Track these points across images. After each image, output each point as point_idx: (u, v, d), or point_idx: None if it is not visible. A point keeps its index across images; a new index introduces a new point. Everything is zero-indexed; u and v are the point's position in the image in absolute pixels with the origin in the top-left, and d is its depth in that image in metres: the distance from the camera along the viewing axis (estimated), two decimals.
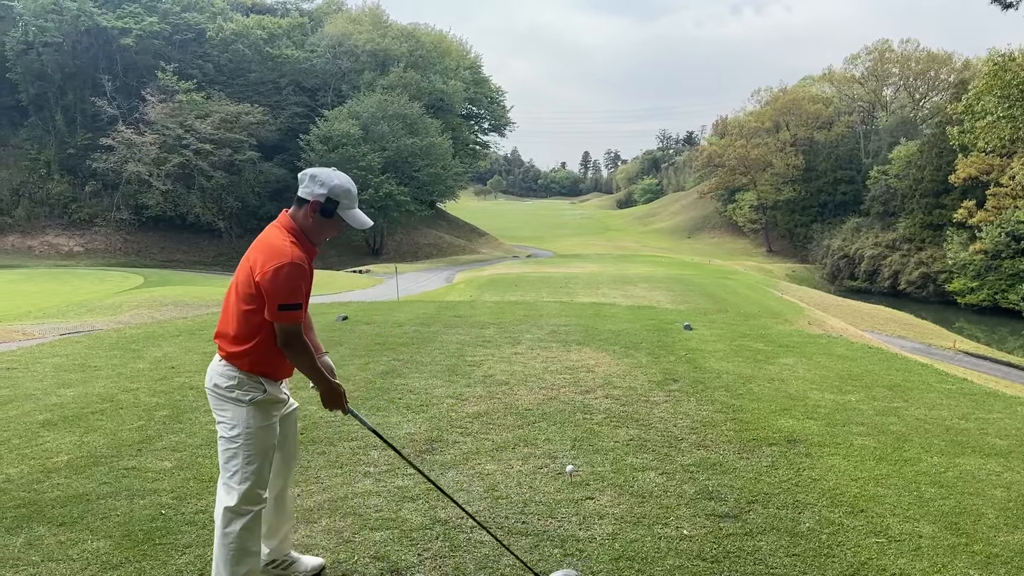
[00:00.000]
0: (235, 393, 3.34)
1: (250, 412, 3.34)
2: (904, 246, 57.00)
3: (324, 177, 3.35)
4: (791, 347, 10.43)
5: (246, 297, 3.28)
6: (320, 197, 3.32)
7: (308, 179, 3.35)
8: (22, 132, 57.99)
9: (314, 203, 3.33)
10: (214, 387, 3.39)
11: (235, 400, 3.34)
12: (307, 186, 3.35)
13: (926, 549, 4.06)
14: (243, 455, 3.33)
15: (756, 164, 76.80)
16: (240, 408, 3.34)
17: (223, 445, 3.38)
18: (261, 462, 3.37)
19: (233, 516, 3.33)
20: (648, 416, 6.58)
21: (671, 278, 28.93)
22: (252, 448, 3.34)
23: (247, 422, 3.33)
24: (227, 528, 3.33)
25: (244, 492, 3.32)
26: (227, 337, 3.38)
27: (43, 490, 4.83)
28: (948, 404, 7.31)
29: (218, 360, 3.41)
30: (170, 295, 23.74)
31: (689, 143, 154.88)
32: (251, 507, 3.35)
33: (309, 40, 64.60)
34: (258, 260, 3.24)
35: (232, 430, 3.34)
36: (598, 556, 3.94)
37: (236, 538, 3.32)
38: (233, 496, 3.33)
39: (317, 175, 3.36)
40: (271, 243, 3.28)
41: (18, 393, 7.46)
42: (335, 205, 3.35)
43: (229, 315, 3.40)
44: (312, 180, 3.34)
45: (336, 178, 3.36)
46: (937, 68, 74.07)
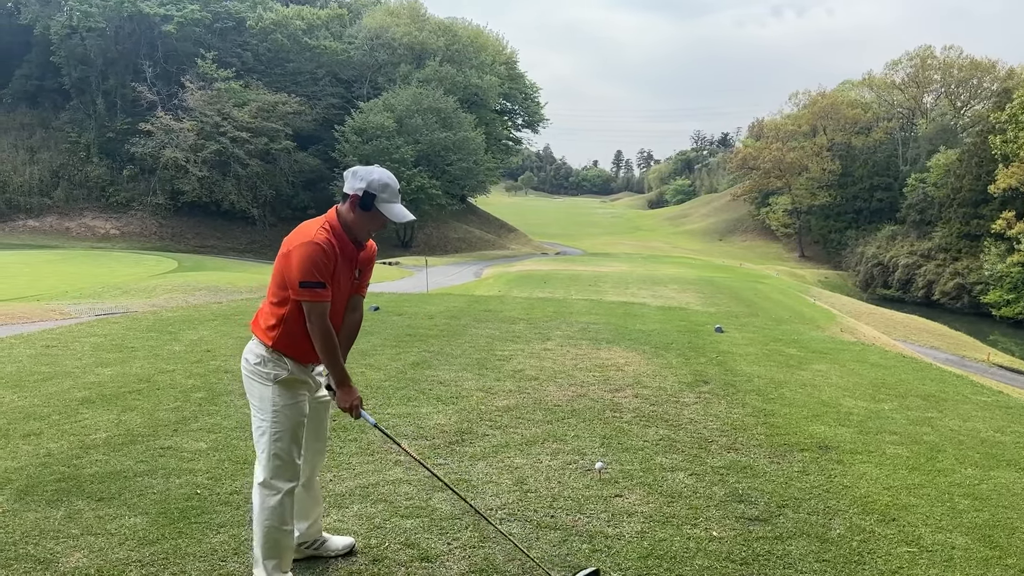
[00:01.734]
0: (262, 370, 3.45)
1: (275, 390, 3.44)
2: (940, 256, 56.14)
3: (364, 172, 3.46)
4: (824, 353, 10.34)
5: (278, 280, 3.44)
6: (359, 191, 3.42)
7: (350, 175, 3.47)
8: (63, 115, 58.95)
9: (354, 196, 3.43)
10: (244, 362, 3.54)
11: (261, 377, 3.45)
12: (349, 182, 3.46)
13: (959, 561, 4.02)
14: (271, 432, 3.42)
15: (791, 168, 76.02)
16: (266, 386, 3.44)
17: (254, 423, 3.50)
18: (289, 440, 3.45)
19: (265, 492, 3.43)
20: (678, 417, 6.57)
21: (701, 280, 28.77)
22: (279, 425, 3.43)
23: (273, 400, 3.43)
24: (260, 504, 3.43)
25: (273, 468, 3.42)
26: (259, 316, 3.56)
27: (82, 466, 4.93)
28: (983, 416, 7.22)
29: (252, 339, 3.57)
30: (203, 280, 24.05)
31: (724, 144, 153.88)
32: (281, 483, 3.43)
33: (347, 32, 64.95)
34: (286, 243, 3.42)
35: (260, 408, 3.46)
36: (626, 553, 3.95)
37: (269, 514, 3.41)
38: (262, 472, 3.44)
39: (358, 171, 3.48)
40: (301, 229, 3.44)
41: (57, 370, 7.62)
42: (372, 198, 3.43)
43: (265, 299, 3.57)
44: (353, 176, 3.46)
45: (376, 173, 3.46)
46: (980, 76, 72.75)
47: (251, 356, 3.50)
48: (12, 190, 54.32)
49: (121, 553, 3.77)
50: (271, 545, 3.43)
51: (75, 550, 3.79)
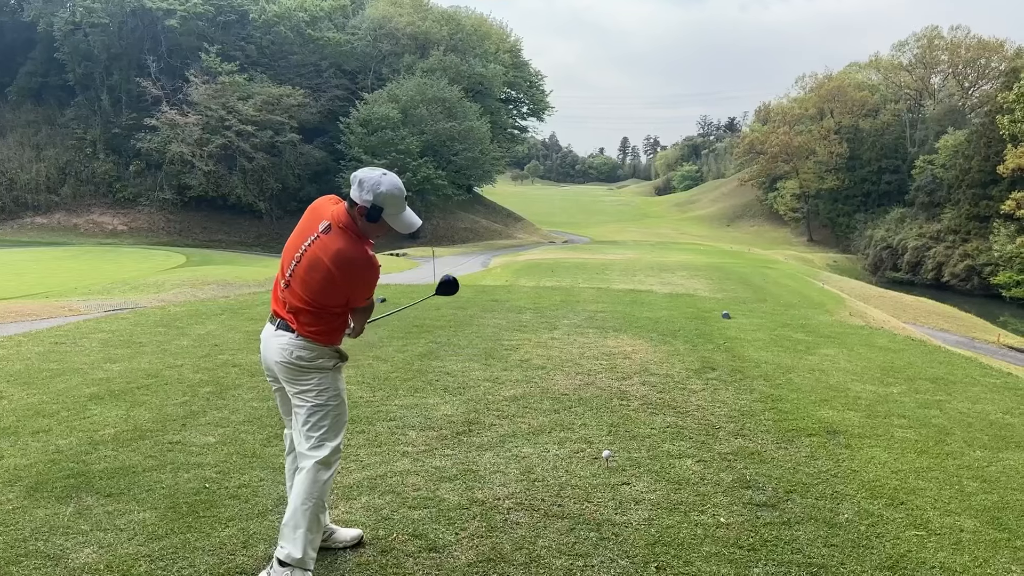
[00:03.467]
0: (320, 362, 3.61)
1: (334, 376, 3.67)
2: (949, 237, 55.85)
3: (371, 184, 3.42)
4: (832, 338, 10.31)
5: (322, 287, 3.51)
6: (366, 203, 3.43)
7: (356, 184, 3.46)
8: (69, 111, 59.09)
9: (361, 207, 3.44)
10: (292, 357, 3.60)
11: (320, 369, 3.62)
12: (355, 191, 3.46)
13: (967, 543, 4.01)
14: (335, 413, 3.65)
15: (799, 152, 75.71)
16: (325, 374, 3.64)
17: (307, 410, 3.62)
18: (345, 418, 3.75)
19: (322, 468, 3.58)
20: (685, 404, 6.56)
21: (710, 266, 28.69)
22: (342, 406, 3.70)
23: (334, 385, 3.67)
24: (314, 481, 3.55)
25: (334, 447, 3.63)
26: (295, 316, 3.60)
27: (91, 461, 4.96)
28: (992, 398, 7.19)
29: (294, 336, 3.59)
30: (212, 275, 24.12)
31: (730, 129, 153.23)
32: (336, 458, 3.67)
33: (350, 23, 64.82)
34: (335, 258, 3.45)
35: (320, 392, 3.62)
36: (634, 540, 3.96)
37: (323, 488, 3.57)
38: (325, 449, 3.59)
39: (364, 181, 3.44)
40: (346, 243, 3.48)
41: (66, 367, 7.65)
42: (380, 212, 3.45)
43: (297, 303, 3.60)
44: (359, 186, 3.43)
45: (383, 185, 3.43)
46: (988, 56, 72.22)
47: (304, 352, 3.58)
48: (19, 187, 54.56)
49: (130, 548, 3.79)
50: (317, 521, 3.55)
51: (84, 546, 3.81)
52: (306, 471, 3.58)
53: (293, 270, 3.57)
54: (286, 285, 3.62)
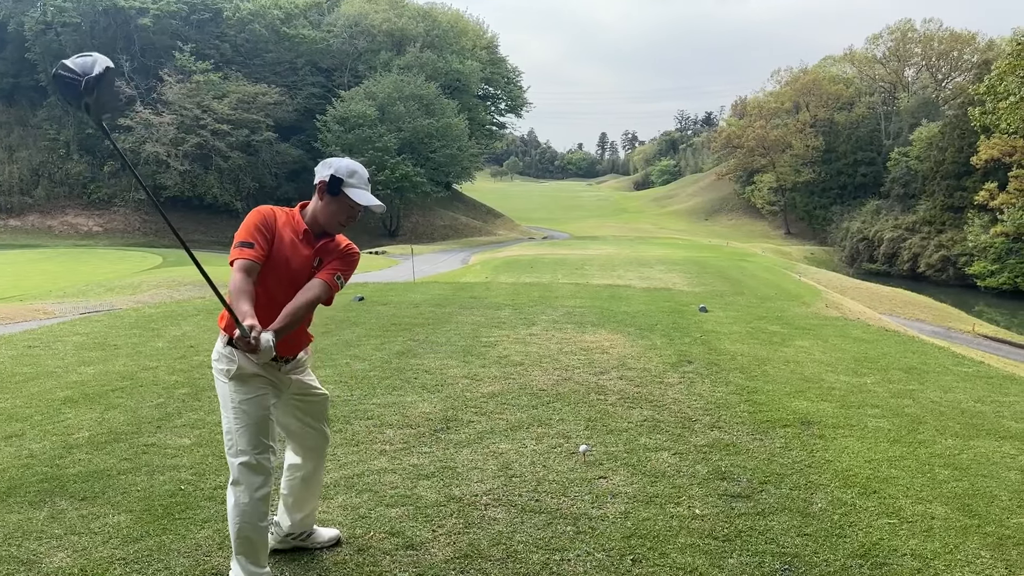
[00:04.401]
0: (219, 366, 3.38)
1: (231, 386, 3.33)
2: (924, 229, 56.45)
3: (332, 160, 3.49)
4: (807, 329, 10.41)
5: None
6: (326, 176, 3.43)
7: (320, 165, 3.50)
8: (41, 112, 58.36)
9: (321, 183, 3.44)
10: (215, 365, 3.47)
11: (220, 373, 3.38)
12: (318, 171, 3.48)
13: (938, 530, 4.06)
14: (234, 428, 3.32)
15: (775, 145, 76.16)
16: (223, 385, 3.37)
17: (223, 423, 3.41)
18: (250, 435, 3.30)
19: (232, 488, 3.32)
20: (662, 397, 6.60)
21: (688, 260, 28.83)
22: (239, 422, 3.31)
23: (231, 396, 3.33)
24: (234, 499, 3.31)
25: (236, 465, 3.30)
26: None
27: (65, 465, 4.92)
28: (964, 387, 7.29)
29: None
30: (188, 275, 23.92)
31: (708, 124, 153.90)
32: (244, 479, 3.29)
33: (325, 20, 64.49)
34: None
35: (222, 406, 3.38)
36: (610, 534, 3.98)
37: (243, 511, 3.28)
38: (234, 470, 3.32)
39: (328, 161, 3.51)
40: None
41: (40, 371, 7.58)
42: (339, 183, 3.41)
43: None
44: (323, 165, 3.49)
45: (344, 160, 3.47)
46: (960, 48, 72.98)
47: (213, 353, 3.46)
48: None
49: (105, 552, 3.76)
50: (249, 544, 3.34)
51: (58, 550, 3.78)
52: (228, 489, 3.37)
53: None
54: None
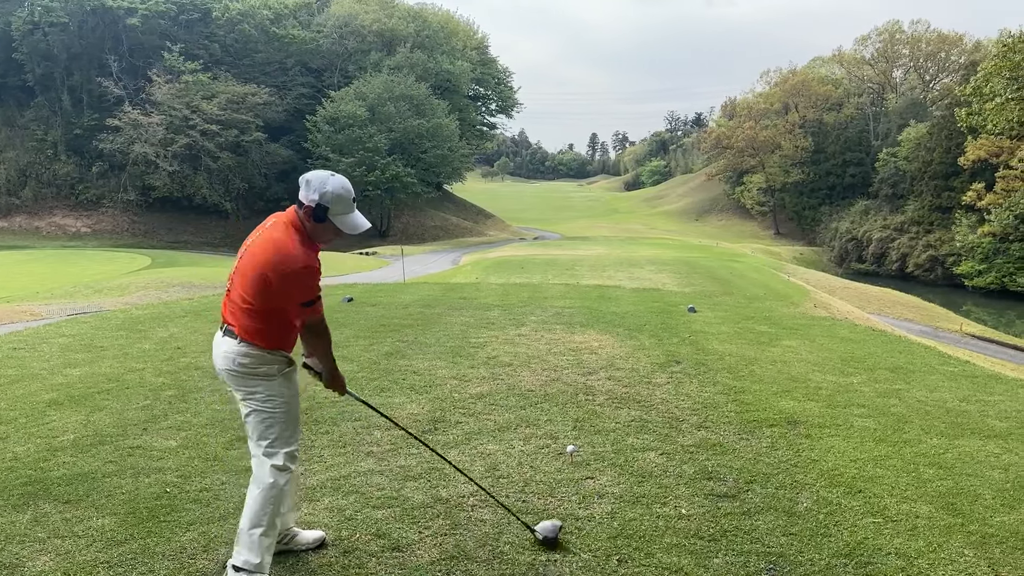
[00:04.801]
0: (262, 368, 3.50)
1: (281, 382, 3.55)
2: (912, 229, 56.74)
3: (317, 183, 3.41)
4: (795, 329, 10.44)
5: (259, 290, 3.40)
6: (312, 203, 3.40)
7: (304, 184, 3.44)
8: (28, 112, 58.01)
9: (307, 208, 3.42)
10: (232, 364, 3.49)
11: (263, 375, 3.50)
12: (303, 191, 3.44)
13: (922, 529, 4.09)
14: (283, 421, 3.55)
15: (764, 146, 76.38)
16: (272, 380, 3.52)
17: (257, 417, 3.54)
18: (296, 424, 3.66)
19: (279, 473, 3.51)
20: (650, 397, 6.61)
21: (678, 260, 28.88)
22: (290, 414, 3.59)
23: (280, 391, 3.54)
24: (273, 481, 3.49)
25: (282, 453, 3.54)
26: (238, 319, 3.50)
27: (49, 468, 4.89)
28: (950, 386, 7.33)
29: (237, 342, 3.48)
30: (177, 276, 23.83)
31: (697, 124, 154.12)
32: (290, 465, 3.57)
33: (315, 20, 64.36)
34: (271, 265, 3.35)
35: (265, 400, 3.52)
36: (596, 534, 3.99)
37: (279, 493, 3.51)
38: (278, 457, 3.53)
39: (311, 181, 3.43)
40: (280, 245, 3.38)
41: (25, 373, 7.53)
42: (325, 211, 3.42)
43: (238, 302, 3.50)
44: (307, 186, 3.42)
45: (329, 184, 3.41)
46: (948, 49, 73.39)
47: (243, 359, 3.47)
48: None
49: (89, 555, 3.75)
50: (273, 527, 3.51)
51: (42, 553, 3.76)
52: (259, 478, 3.52)
53: (235, 267, 3.53)
54: (229, 287, 3.57)
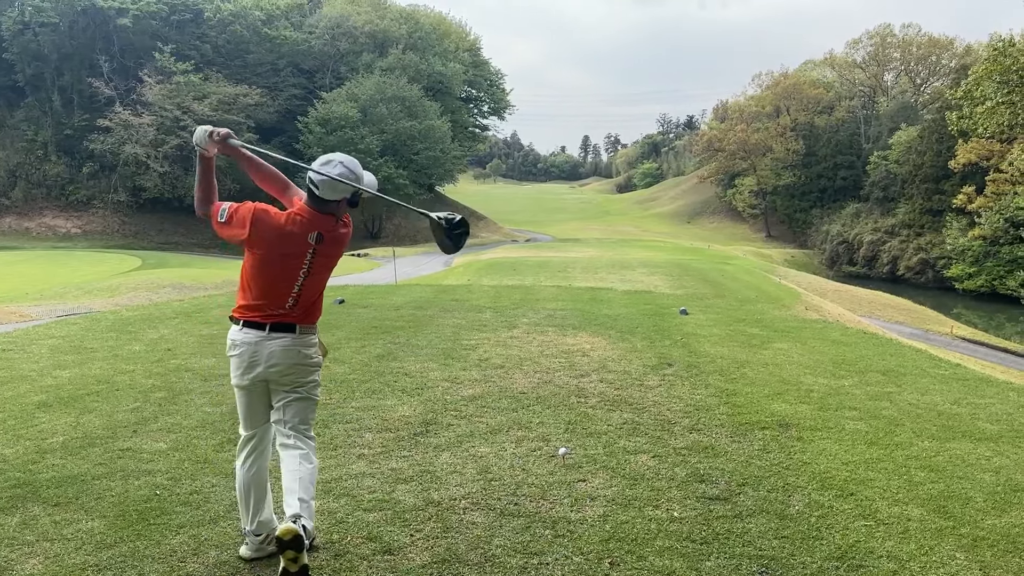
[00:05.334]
0: (317, 357, 3.78)
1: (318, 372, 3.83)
2: (903, 232, 56.97)
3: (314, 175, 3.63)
4: (786, 332, 10.46)
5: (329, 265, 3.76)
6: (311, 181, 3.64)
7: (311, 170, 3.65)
8: (18, 113, 57.76)
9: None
10: (301, 357, 3.67)
11: (318, 364, 3.80)
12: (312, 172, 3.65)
13: (914, 532, 4.09)
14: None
15: (756, 149, 76.59)
16: (318, 369, 3.80)
17: (310, 404, 3.77)
18: None
19: (312, 451, 3.71)
20: (642, 400, 6.61)
21: (670, 263, 28.93)
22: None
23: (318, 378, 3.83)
24: (312, 463, 3.65)
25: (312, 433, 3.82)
26: (315, 311, 3.76)
27: (38, 471, 4.85)
28: (941, 389, 7.35)
29: (297, 334, 3.64)
30: (168, 277, 23.75)
31: (689, 127, 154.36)
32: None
33: (307, 21, 64.27)
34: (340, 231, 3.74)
35: (316, 388, 3.80)
36: (588, 537, 3.98)
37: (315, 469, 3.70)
38: (312, 437, 3.78)
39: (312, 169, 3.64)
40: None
41: (14, 374, 7.48)
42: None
43: (312, 292, 3.70)
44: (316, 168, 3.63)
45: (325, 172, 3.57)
46: (938, 53, 73.76)
47: (307, 348, 3.70)
48: None
49: (78, 558, 3.72)
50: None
51: (30, 557, 3.73)
52: (305, 457, 3.62)
53: (301, 287, 3.62)
54: (294, 303, 3.63)
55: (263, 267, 3.58)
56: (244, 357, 3.59)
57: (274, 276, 3.58)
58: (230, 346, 3.66)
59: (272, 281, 3.58)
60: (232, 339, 3.64)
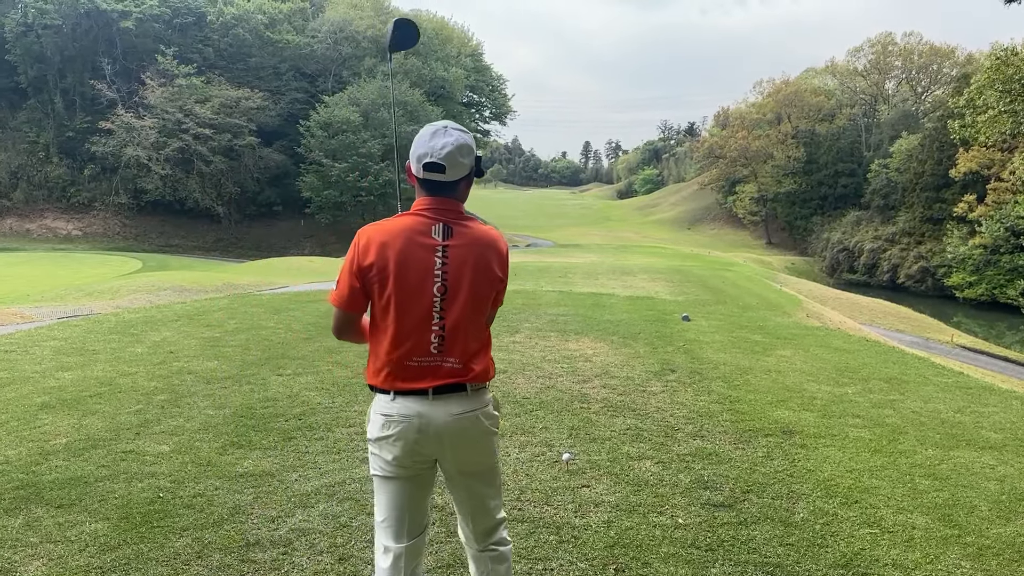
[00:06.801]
0: (496, 416, 2.77)
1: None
2: (904, 240, 56.97)
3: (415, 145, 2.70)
4: (788, 339, 10.45)
5: (485, 292, 2.66)
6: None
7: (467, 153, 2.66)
8: (21, 115, 57.86)
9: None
10: (479, 422, 2.66)
11: (497, 429, 2.79)
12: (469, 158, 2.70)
13: (919, 540, 4.08)
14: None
15: (757, 156, 76.63)
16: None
17: (494, 491, 2.81)
18: None
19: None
20: (645, 406, 6.60)
21: (670, 269, 28.91)
22: None
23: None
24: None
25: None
26: (469, 355, 2.64)
27: (41, 472, 4.84)
28: (944, 397, 7.34)
29: (469, 395, 2.63)
30: (168, 280, 23.73)
31: (690, 134, 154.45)
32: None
33: (310, 25, 64.37)
34: (490, 239, 2.69)
35: (497, 454, 2.81)
36: (593, 543, 3.97)
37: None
38: (506, 527, 2.92)
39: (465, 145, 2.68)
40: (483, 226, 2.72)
41: (16, 376, 7.47)
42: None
43: (468, 329, 2.64)
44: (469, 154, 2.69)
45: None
46: (940, 61, 73.83)
47: (489, 408, 2.71)
48: None
49: (81, 560, 3.71)
50: None
51: (34, 559, 3.72)
52: (506, 564, 2.83)
53: (443, 310, 2.59)
54: (439, 346, 2.60)
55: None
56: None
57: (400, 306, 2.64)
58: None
59: (400, 311, 2.65)
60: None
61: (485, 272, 2.63)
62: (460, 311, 2.59)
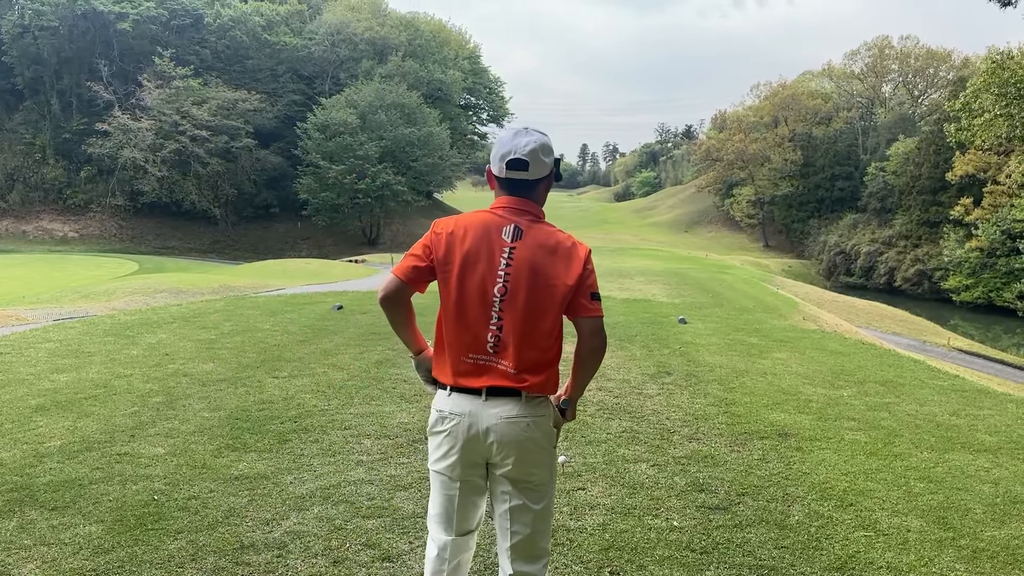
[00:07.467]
0: (553, 433, 2.73)
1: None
2: (900, 243, 57.11)
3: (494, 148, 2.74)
4: (785, 342, 10.46)
5: (549, 298, 2.62)
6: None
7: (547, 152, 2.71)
8: (17, 116, 57.86)
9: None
10: (531, 431, 2.61)
11: (553, 446, 2.72)
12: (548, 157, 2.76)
13: (914, 543, 4.09)
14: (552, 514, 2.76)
15: (754, 159, 76.75)
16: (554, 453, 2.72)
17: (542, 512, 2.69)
18: None
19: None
20: (641, 408, 6.60)
21: (667, 271, 28.93)
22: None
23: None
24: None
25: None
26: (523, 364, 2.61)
27: (35, 475, 4.83)
28: (939, 400, 7.35)
29: (523, 401, 2.60)
30: (165, 282, 23.69)
31: (687, 136, 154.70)
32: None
33: (307, 27, 64.43)
34: (556, 242, 2.71)
35: (552, 482, 2.73)
36: (588, 546, 3.97)
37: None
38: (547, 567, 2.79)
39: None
40: (554, 230, 2.77)
41: (11, 378, 7.45)
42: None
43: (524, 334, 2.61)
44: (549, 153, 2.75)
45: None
46: (936, 65, 74.03)
47: (544, 423, 2.65)
48: None
49: (75, 563, 3.70)
50: None
51: (27, 561, 3.71)
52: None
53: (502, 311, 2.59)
54: (495, 346, 2.60)
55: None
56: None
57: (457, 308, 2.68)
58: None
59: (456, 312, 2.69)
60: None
61: (545, 278, 2.60)
62: (517, 315, 2.59)
